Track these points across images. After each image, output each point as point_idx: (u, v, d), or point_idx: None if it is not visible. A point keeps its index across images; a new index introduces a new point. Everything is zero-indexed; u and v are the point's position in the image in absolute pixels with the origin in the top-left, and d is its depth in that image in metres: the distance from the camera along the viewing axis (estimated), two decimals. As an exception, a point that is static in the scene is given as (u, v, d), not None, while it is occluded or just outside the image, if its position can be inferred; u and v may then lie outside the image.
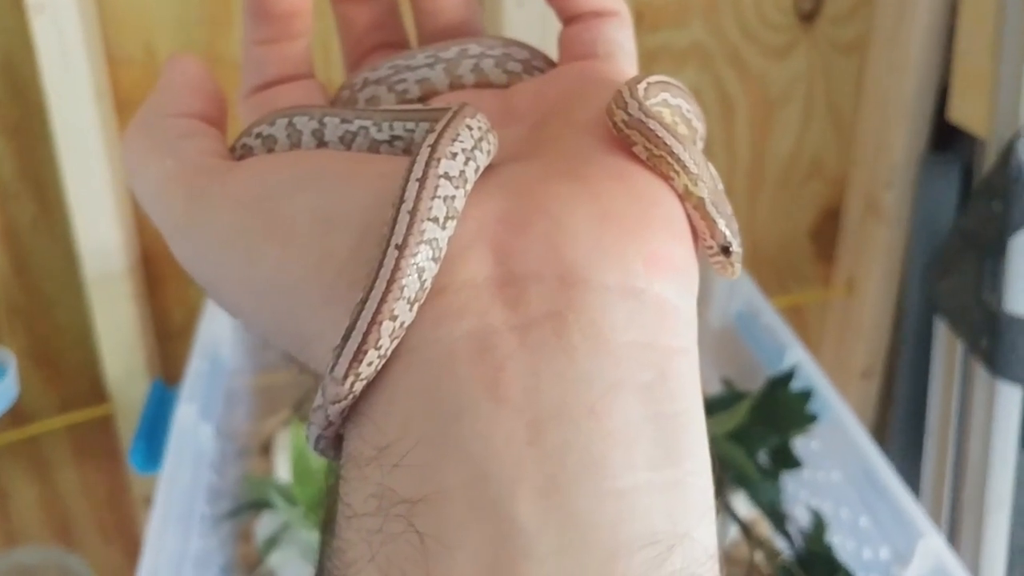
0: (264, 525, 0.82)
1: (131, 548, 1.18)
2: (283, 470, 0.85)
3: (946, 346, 1.04)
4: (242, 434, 0.93)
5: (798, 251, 1.21)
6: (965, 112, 1.00)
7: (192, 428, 0.76)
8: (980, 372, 0.97)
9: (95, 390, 1.08)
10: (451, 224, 0.26)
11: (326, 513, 0.28)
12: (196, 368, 0.83)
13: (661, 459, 0.24)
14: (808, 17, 1.09)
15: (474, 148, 0.27)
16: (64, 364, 1.08)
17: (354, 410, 0.26)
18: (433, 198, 0.26)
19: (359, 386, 0.25)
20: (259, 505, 0.81)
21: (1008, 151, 0.92)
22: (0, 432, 1.04)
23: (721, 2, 1.05)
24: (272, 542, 0.79)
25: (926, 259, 1.07)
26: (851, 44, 1.10)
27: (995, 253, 0.93)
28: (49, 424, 1.07)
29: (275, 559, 0.79)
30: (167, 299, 1.07)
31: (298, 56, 0.35)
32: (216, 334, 0.89)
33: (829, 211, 1.19)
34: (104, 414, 1.07)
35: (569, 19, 0.35)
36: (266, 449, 0.93)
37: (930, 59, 1.03)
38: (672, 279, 0.27)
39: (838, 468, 0.80)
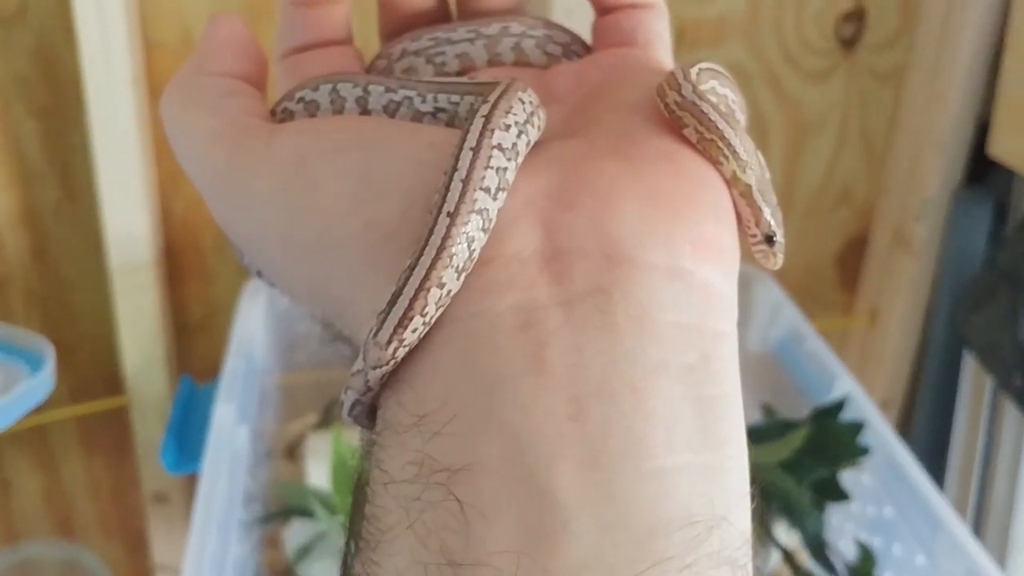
0: (296, 532, 0.79)
1: (134, 544, 1.16)
2: (315, 476, 0.82)
3: (974, 382, 1.03)
4: (268, 435, 0.91)
5: (822, 278, 1.20)
6: (1006, 147, 0.99)
7: (230, 430, 0.74)
8: (1010, 410, 0.97)
9: (107, 381, 1.05)
10: (502, 196, 0.26)
11: (358, 479, 0.28)
12: (232, 368, 0.80)
13: (701, 442, 0.24)
14: (849, 43, 1.08)
15: (526, 122, 0.27)
16: (77, 353, 1.05)
17: (393, 377, 0.26)
18: (486, 168, 0.26)
19: (401, 352, 0.25)
20: (293, 512, 0.78)
21: (1051, 189, 0.91)
22: (6, 420, 1.01)
23: (762, 23, 1.04)
24: (305, 550, 0.77)
25: (954, 293, 1.06)
26: (889, 72, 1.09)
27: (1032, 291, 0.92)
28: (58, 414, 1.04)
29: (307, 568, 0.76)
30: (187, 295, 1.04)
31: (336, 21, 0.35)
32: (251, 333, 0.86)
33: (856, 240, 1.18)
34: (115, 406, 1.04)
35: (606, 9, 0.35)
36: (291, 452, 0.90)
37: (970, 91, 1.02)
38: (718, 263, 0.27)
39: (891, 503, 0.78)
